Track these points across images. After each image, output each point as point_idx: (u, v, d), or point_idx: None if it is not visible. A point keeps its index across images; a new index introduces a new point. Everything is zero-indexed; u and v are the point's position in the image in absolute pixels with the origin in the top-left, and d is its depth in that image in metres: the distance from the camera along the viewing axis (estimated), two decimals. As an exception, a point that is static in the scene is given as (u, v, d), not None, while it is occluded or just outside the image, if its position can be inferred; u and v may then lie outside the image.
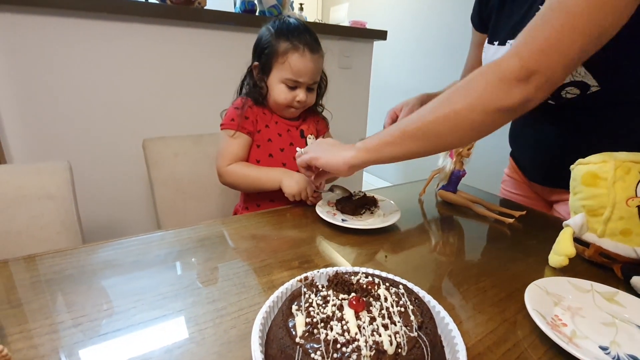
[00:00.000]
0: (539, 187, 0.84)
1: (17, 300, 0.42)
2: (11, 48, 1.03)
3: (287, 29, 0.77)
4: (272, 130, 0.83)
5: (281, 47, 0.76)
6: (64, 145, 1.16)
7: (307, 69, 0.77)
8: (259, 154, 0.83)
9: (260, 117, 0.82)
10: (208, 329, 0.38)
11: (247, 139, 0.81)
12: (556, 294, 0.43)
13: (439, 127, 0.51)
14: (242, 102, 0.82)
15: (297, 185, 0.72)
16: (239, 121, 0.79)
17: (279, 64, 0.77)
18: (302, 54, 0.75)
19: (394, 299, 0.36)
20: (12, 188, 0.72)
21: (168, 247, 0.55)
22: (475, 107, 0.48)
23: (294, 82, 0.78)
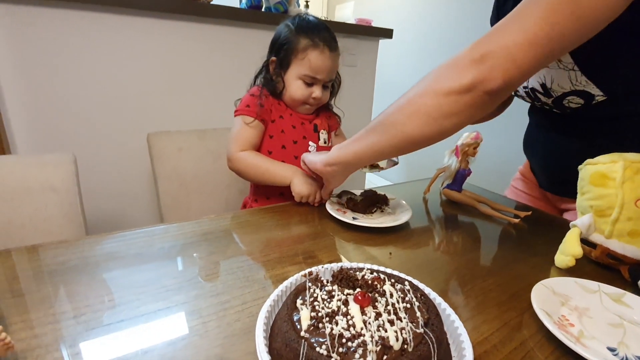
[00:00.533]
0: (549, 194, 0.84)
1: (20, 290, 0.42)
2: (18, 40, 1.03)
3: (308, 26, 0.78)
4: (286, 121, 0.83)
5: (301, 43, 0.76)
6: (69, 137, 1.16)
7: (326, 66, 0.77)
8: (272, 145, 0.82)
9: (275, 107, 0.82)
10: (211, 322, 0.38)
11: (261, 127, 0.80)
12: (563, 294, 0.42)
13: (396, 116, 0.51)
14: (259, 90, 0.81)
15: (308, 188, 0.71)
16: (255, 108, 0.78)
17: (298, 60, 0.77)
18: (321, 51, 0.76)
19: (399, 295, 0.35)
20: (16, 179, 0.72)
21: (172, 240, 0.55)
22: (427, 92, 0.48)
23: (311, 78, 0.78)
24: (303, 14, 0.84)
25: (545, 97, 0.65)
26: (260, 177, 0.78)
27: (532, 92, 0.67)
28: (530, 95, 0.68)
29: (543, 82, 0.63)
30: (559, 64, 0.59)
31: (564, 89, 0.61)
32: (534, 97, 0.68)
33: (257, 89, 0.82)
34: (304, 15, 0.83)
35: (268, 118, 0.81)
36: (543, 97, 0.65)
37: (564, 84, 0.60)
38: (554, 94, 0.63)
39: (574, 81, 0.59)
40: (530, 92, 0.67)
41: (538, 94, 0.66)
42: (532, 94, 0.67)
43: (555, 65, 0.59)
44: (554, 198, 0.82)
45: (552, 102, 0.65)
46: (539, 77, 0.63)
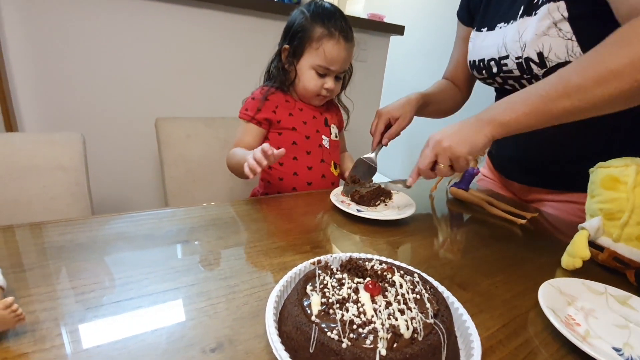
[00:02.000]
0: (517, 186, 0.86)
1: (30, 265, 0.42)
2: (29, 18, 1.03)
3: (324, 14, 0.75)
4: (296, 118, 0.81)
5: (316, 32, 0.74)
6: (77, 118, 1.16)
7: (340, 57, 0.75)
8: (281, 142, 0.81)
9: (282, 105, 0.81)
10: (220, 304, 0.38)
11: (258, 129, 0.80)
12: (570, 294, 0.42)
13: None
14: (261, 92, 0.81)
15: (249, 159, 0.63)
16: (252, 112, 0.79)
17: (312, 49, 0.75)
18: (337, 42, 0.74)
19: (409, 286, 0.35)
20: (25, 157, 0.72)
21: (179, 224, 0.55)
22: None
23: (325, 69, 0.76)
24: (319, 1, 0.80)
25: (537, 68, 0.65)
26: (235, 168, 0.75)
27: (525, 63, 0.67)
28: (522, 67, 0.68)
29: (540, 51, 0.63)
30: (559, 32, 0.59)
31: (559, 59, 0.61)
32: (525, 68, 0.67)
33: (259, 92, 0.82)
34: (319, 1, 0.80)
35: (272, 118, 0.80)
36: (536, 67, 0.65)
37: (560, 53, 0.60)
38: (549, 63, 0.63)
39: (570, 51, 0.59)
40: (523, 63, 0.67)
41: (532, 63, 0.65)
42: (524, 64, 0.67)
43: (555, 33, 0.60)
44: (522, 189, 0.84)
45: (543, 73, 0.64)
46: (537, 45, 0.63)
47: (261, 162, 0.60)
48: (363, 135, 1.84)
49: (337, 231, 0.59)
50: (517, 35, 0.67)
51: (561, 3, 0.59)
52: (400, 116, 0.78)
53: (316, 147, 0.82)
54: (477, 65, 0.79)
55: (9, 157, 0.70)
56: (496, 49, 0.72)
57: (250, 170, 0.60)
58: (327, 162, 0.84)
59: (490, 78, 0.77)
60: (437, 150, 0.58)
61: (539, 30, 0.62)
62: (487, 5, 0.78)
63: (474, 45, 0.80)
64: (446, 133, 0.57)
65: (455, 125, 0.58)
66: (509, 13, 0.71)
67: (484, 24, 0.78)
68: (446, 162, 0.57)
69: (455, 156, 0.56)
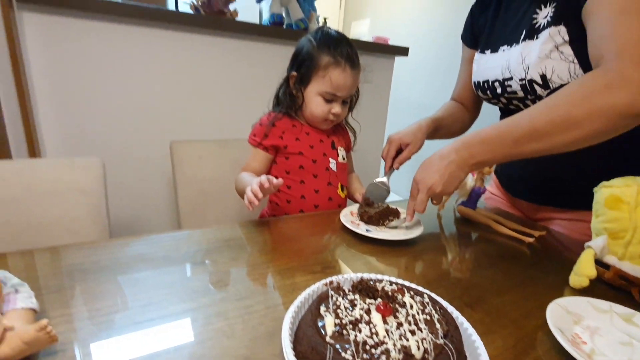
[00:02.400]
0: (525, 205, 0.87)
1: (58, 286, 0.45)
2: (51, 48, 1.10)
3: (330, 42, 0.78)
4: (302, 142, 0.84)
5: (323, 60, 0.77)
6: (96, 142, 1.22)
7: (347, 84, 0.78)
8: (288, 166, 0.84)
9: (289, 130, 0.83)
10: (237, 324, 0.40)
11: (265, 154, 0.84)
12: (576, 313, 0.43)
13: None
14: (268, 118, 0.84)
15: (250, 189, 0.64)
16: (259, 138, 0.83)
17: (319, 77, 0.78)
18: (343, 70, 0.76)
19: (419, 307, 0.37)
20: (48, 181, 0.76)
21: (196, 245, 0.58)
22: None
23: (332, 95, 0.78)
24: (325, 28, 0.83)
25: (541, 89, 0.67)
26: (240, 192, 0.77)
27: (529, 85, 0.69)
28: (526, 89, 0.70)
29: (543, 73, 0.65)
30: (561, 55, 0.62)
31: (562, 81, 0.63)
32: (529, 90, 0.69)
33: (266, 118, 0.85)
34: (326, 29, 0.83)
35: (279, 144, 0.83)
36: (540, 88, 0.67)
37: (563, 75, 0.63)
38: (552, 85, 0.65)
39: (572, 73, 0.62)
40: (527, 85, 0.69)
41: (536, 85, 0.68)
42: (528, 86, 0.69)
43: (557, 56, 0.63)
44: (530, 208, 0.85)
45: (547, 94, 0.67)
46: (539, 67, 0.66)
47: (257, 195, 0.62)
48: (370, 155, 1.88)
49: (346, 251, 0.61)
50: (520, 58, 0.69)
51: (562, 27, 0.62)
52: (412, 142, 0.80)
53: (323, 170, 0.85)
54: (481, 86, 0.82)
55: (33, 181, 0.74)
56: (500, 71, 0.75)
57: (249, 203, 0.63)
58: (334, 184, 0.86)
59: (495, 98, 0.80)
60: (430, 194, 0.64)
61: (542, 53, 0.65)
62: (490, 28, 0.81)
63: (478, 66, 0.83)
64: (434, 179, 0.62)
65: (440, 168, 0.62)
66: (512, 36, 0.74)
67: (487, 46, 0.81)
68: (440, 201, 0.67)
69: (447, 194, 0.64)
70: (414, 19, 2.93)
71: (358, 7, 3.70)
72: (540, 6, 0.67)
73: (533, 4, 0.69)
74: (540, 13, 0.67)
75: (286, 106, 0.84)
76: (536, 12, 0.68)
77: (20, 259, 0.50)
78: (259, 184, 0.63)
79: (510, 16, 0.75)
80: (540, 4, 0.67)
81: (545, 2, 0.66)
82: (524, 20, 0.71)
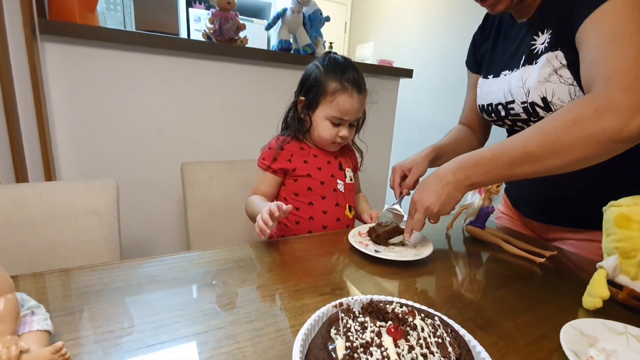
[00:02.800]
0: (535, 224, 0.86)
1: (71, 309, 0.46)
2: (69, 75, 1.15)
3: (337, 68, 0.80)
4: (310, 165, 0.85)
5: (330, 86, 0.79)
6: (109, 165, 1.25)
7: (353, 108, 0.80)
8: (297, 188, 0.85)
9: (297, 153, 0.86)
10: (248, 347, 0.40)
11: (273, 177, 0.86)
12: (591, 335, 0.42)
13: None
14: (277, 142, 0.87)
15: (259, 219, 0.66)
16: (268, 162, 0.85)
17: (326, 102, 0.80)
18: (350, 95, 0.78)
19: (430, 329, 0.37)
20: (64, 203, 0.78)
21: (206, 266, 0.58)
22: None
23: (339, 119, 0.81)
24: (332, 53, 0.86)
25: (543, 111, 0.68)
26: (250, 216, 0.82)
27: (530, 107, 0.70)
28: (529, 111, 0.71)
29: (544, 96, 0.67)
30: (560, 78, 0.64)
31: (563, 103, 0.65)
32: (532, 112, 0.71)
33: (275, 142, 0.87)
34: (333, 54, 0.85)
35: (287, 167, 0.85)
36: (542, 111, 0.68)
37: (564, 97, 0.64)
38: (554, 107, 0.66)
39: (573, 95, 0.63)
40: (529, 107, 0.71)
41: (537, 107, 0.69)
42: (530, 109, 0.70)
43: (557, 79, 0.64)
44: (541, 228, 0.85)
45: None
46: (540, 91, 0.67)
47: (267, 224, 0.64)
48: (376, 175, 1.89)
49: (355, 272, 0.61)
50: (520, 82, 0.71)
51: (559, 52, 0.64)
52: (413, 167, 0.81)
53: (331, 191, 0.86)
54: (486, 109, 0.84)
55: (50, 203, 0.76)
56: (502, 94, 0.77)
57: (260, 232, 0.65)
58: (342, 205, 0.87)
59: (500, 121, 0.81)
60: (427, 214, 0.64)
61: (541, 77, 0.66)
62: (492, 54, 0.84)
63: (481, 90, 0.86)
64: (431, 200, 0.63)
65: (437, 189, 0.63)
66: (512, 62, 0.76)
67: (489, 71, 0.83)
68: (437, 220, 0.66)
69: (444, 214, 0.64)
70: (418, 42, 3.00)
71: (362, 32, 3.82)
72: (538, 33, 0.69)
73: (530, 32, 0.71)
74: (537, 40, 0.69)
75: (294, 129, 0.86)
76: (534, 38, 0.70)
77: (32, 282, 0.51)
78: (269, 212, 0.64)
79: (510, 43, 0.78)
80: (537, 31, 0.69)
81: (542, 29, 0.68)
82: (523, 46, 0.73)
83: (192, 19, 2.98)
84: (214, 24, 1.33)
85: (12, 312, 0.35)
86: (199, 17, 2.95)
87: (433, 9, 2.85)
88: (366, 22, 3.75)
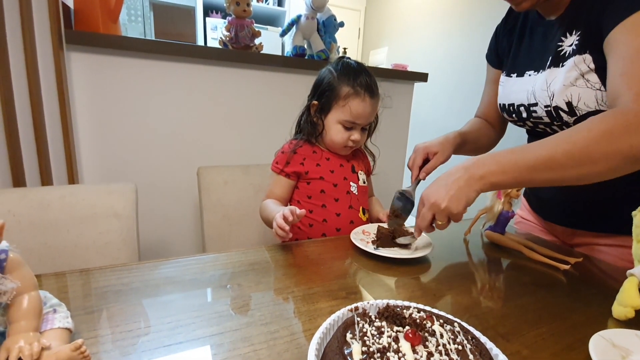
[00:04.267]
0: (559, 229, 0.82)
1: (91, 307, 0.46)
2: (92, 83, 1.19)
3: (349, 73, 0.80)
4: (323, 168, 0.85)
5: (343, 90, 0.79)
6: (128, 169, 1.28)
7: (366, 112, 0.80)
8: (310, 191, 0.85)
9: (310, 157, 0.86)
10: (263, 350, 0.40)
11: (288, 181, 0.86)
12: (623, 347, 0.40)
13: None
14: (289, 146, 0.87)
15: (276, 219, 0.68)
16: (281, 165, 0.85)
17: (339, 106, 0.80)
18: (362, 99, 0.78)
19: (449, 336, 0.35)
20: (86, 205, 0.80)
21: (222, 269, 0.59)
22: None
23: (351, 123, 0.81)
24: (345, 58, 0.86)
25: (567, 116, 0.66)
26: (265, 220, 0.82)
27: (554, 111, 0.68)
28: (552, 115, 0.69)
29: (569, 101, 0.64)
30: (587, 82, 0.62)
31: (589, 108, 0.62)
32: (555, 116, 0.68)
33: (288, 146, 0.87)
34: (346, 59, 0.86)
35: (300, 170, 0.85)
36: (566, 115, 0.66)
37: (590, 103, 0.62)
38: (579, 112, 0.64)
39: (600, 101, 0.61)
40: (552, 111, 0.68)
41: (562, 112, 0.66)
42: (554, 113, 0.68)
43: (583, 84, 0.62)
44: (565, 232, 0.81)
45: (573, 121, 0.66)
46: (565, 95, 0.64)
47: (284, 228, 0.66)
48: (391, 179, 1.87)
49: (370, 276, 0.60)
50: (545, 85, 0.69)
51: (587, 55, 0.62)
52: (439, 151, 0.78)
53: (344, 194, 0.85)
54: (507, 108, 0.81)
55: (73, 206, 0.78)
56: (525, 95, 0.74)
57: (279, 237, 0.68)
58: (356, 208, 0.86)
59: (521, 122, 0.79)
60: (434, 211, 0.59)
61: (567, 81, 0.64)
62: (516, 52, 0.81)
63: (503, 89, 0.83)
64: (440, 194, 0.58)
65: (447, 182, 0.59)
66: (537, 62, 0.73)
67: (513, 69, 0.80)
68: (444, 220, 0.59)
69: (453, 214, 0.58)
70: (433, 45, 2.98)
71: (376, 37, 3.82)
72: (566, 34, 0.67)
73: (559, 32, 0.69)
74: (565, 41, 0.67)
75: (307, 133, 0.87)
76: (562, 39, 0.67)
77: (55, 281, 0.52)
78: (283, 217, 0.66)
79: (536, 41, 0.75)
80: (566, 32, 0.67)
81: (571, 30, 0.66)
82: (550, 47, 0.71)
83: (209, 28, 3.05)
84: (230, 31, 1.35)
85: (35, 310, 0.36)
86: (216, 26, 3.03)
87: (447, 12, 2.83)
88: (380, 28, 3.75)
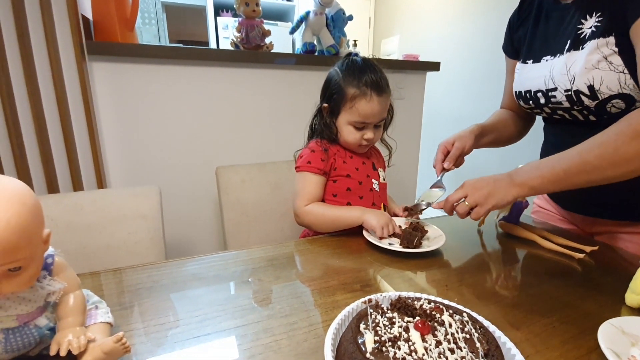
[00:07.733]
0: (579, 218, 0.81)
1: (125, 303, 0.51)
2: (114, 90, 1.25)
3: (354, 72, 0.79)
4: (349, 165, 0.85)
5: (349, 92, 0.78)
6: (152, 172, 1.35)
7: (375, 111, 0.79)
8: (336, 189, 0.85)
9: (338, 154, 0.86)
10: (283, 340, 0.43)
11: (323, 179, 0.84)
12: (633, 334, 0.41)
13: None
14: (317, 144, 0.85)
15: (384, 217, 0.74)
16: (316, 164, 0.82)
17: (347, 108, 0.80)
18: (369, 99, 0.77)
19: (458, 325, 0.37)
20: (115, 208, 0.85)
21: (243, 265, 0.62)
22: None
23: (362, 123, 0.80)
24: (352, 56, 0.86)
25: (589, 100, 0.65)
26: (331, 225, 0.80)
27: (575, 95, 0.67)
28: (572, 99, 0.68)
29: (591, 84, 0.63)
30: (610, 65, 0.61)
31: (612, 92, 0.62)
32: (575, 100, 0.67)
33: (315, 144, 0.85)
34: (352, 57, 0.85)
35: (330, 167, 0.84)
36: (587, 99, 0.65)
37: (612, 86, 0.61)
38: (601, 96, 0.63)
39: (622, 84, 0.60)
40: (572, 96, 0.67)
41: (583, 96, 0.65)
42: (574, 97, 0.67)
43: (606, 66, 0.61)
44: (585, 221, 0.81)
45: (595, 105, 0.65)
46: (587, 78, 0.63)
47: (385, 236, 0.73)
48: (405, 171, 1.87)
49: (385, 269, 0.62)
50: (564, 69, 0.68)
51: (611, 38, 0.60)
52: (457, 139, 0.80)
53: (367, 191, 0.86)
54: (523, 95, 0.80)
55: (104, 209, 0.84)
56: (543, 81, 0.73)
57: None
58: (378, 204, 0.87)
59: (538, 108, 0.78)
60: (468, 191, 0.65)
61: (589, 64, 0.63)
62: (531, 38, 0.80)
63: (519, 76, 0.82)
64: (481, 184, 0.65)
65: (490, 180, 0.65)
66: (555, 46, 0.72)
67: (529, 56, 0.79)
68: (472, 204, 0.65)
69: (481, 204, 0.64)
70: (445, 33, 2.91)
71: (387, 26, 3.76)
72: (585, 16, 0.65)
73: (577, 14, 0.67)
74: (585, 23, 0.65)
75: (325, 135, 0.86)
76: (581, 22, 0.66)
77: (91, 280, 0.57)
78: (388, 231, 0.72)
79: (552, 25, 0.74)
80: (585, 14, 0.65)
81: (591, 12, 0.64)
82: (568, 30, 0.69)
83: (220, 27, 3.09)
84: (240, 32, 1.38)
85: (80, 307, 0.40)
86: (227, 24, 3.06)
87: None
88: (390, 16, 3.69)
